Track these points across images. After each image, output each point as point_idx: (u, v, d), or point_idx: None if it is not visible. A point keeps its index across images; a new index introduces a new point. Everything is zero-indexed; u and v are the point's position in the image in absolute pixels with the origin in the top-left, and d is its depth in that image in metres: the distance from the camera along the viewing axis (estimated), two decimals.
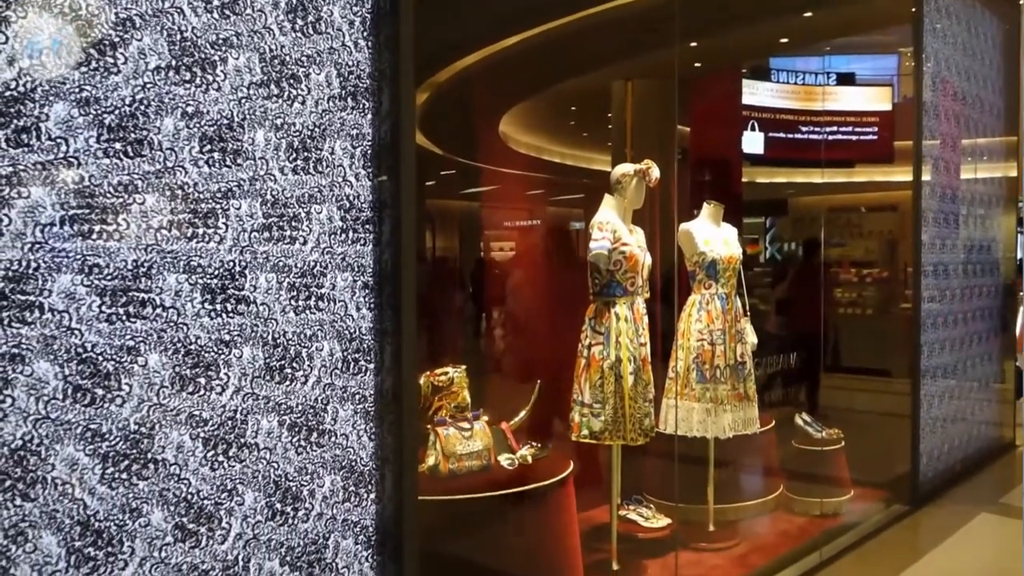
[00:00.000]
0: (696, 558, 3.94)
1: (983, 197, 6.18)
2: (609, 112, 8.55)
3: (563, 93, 8.30)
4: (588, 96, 8.82)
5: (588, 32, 6.99)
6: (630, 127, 8.21)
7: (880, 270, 10.64)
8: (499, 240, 7.59)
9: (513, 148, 8.73)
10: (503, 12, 6.23)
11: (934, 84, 5.34)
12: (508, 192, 7.73)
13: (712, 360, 3.90)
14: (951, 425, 5.45)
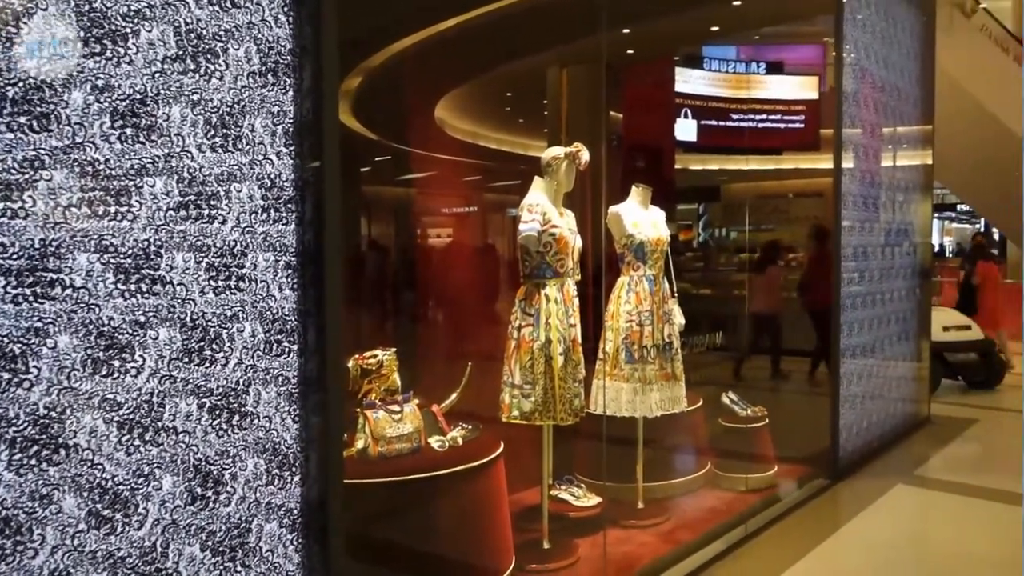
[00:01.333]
0: (626, 535, 4.01)
1: (902, 183, 6.41)
2: (544, 98, 8.57)
3: (499, 79, 8.29)
4: (524, 82, 8.83)
5: (522, 18, 6.99)
6: (565, 113, 8.25)
7: (804, 255, 10.94)
8: (435, 226, 7.56)
9: (449, 134, 8.69)
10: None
11: (856, 73, 5.50)
12: (444, 178, 7.69)
13: (641, 341, 3.97)
14: (869, 402, 5.67)
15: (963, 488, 5.19)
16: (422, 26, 6.48)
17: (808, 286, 8.07)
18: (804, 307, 8.46)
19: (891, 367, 6.10)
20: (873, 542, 4.34)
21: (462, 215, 8.24)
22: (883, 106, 5.95)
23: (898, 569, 4.02)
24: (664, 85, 12.70)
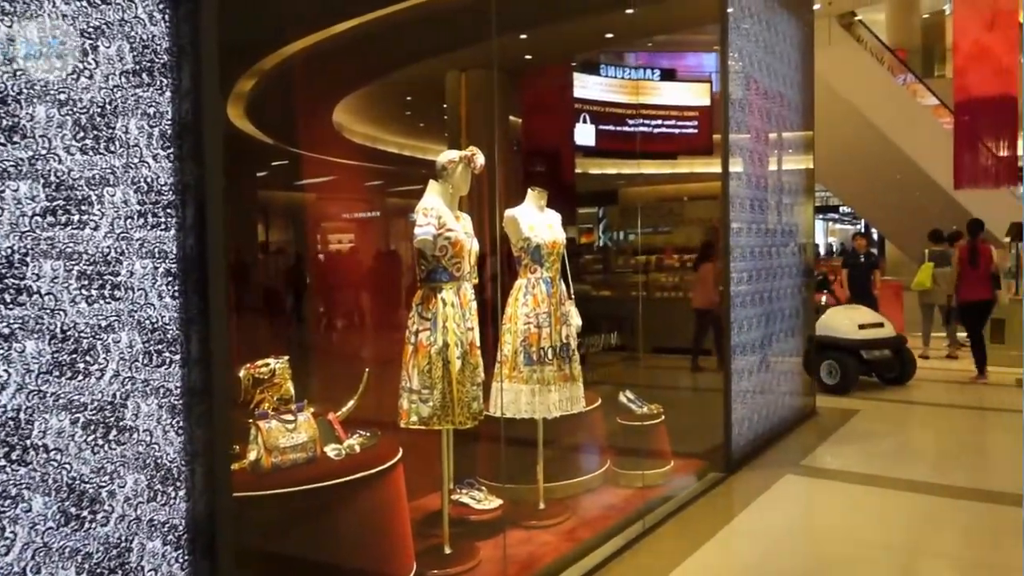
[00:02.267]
0: (527, 536, 4.04)
1: (787, 186, 6.69)
2: (444, 102, 8.55)
3: (398, 83, 8.22)
4: (423, 86, 8.79)
5: (418, 22, 6.95)
6: (464, 117, 8.25)
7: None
8: (335, 231, 7.44)
9: (348, 138, 8.56)
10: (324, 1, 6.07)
11: (742, 81, 5.72)
12: (344, 183, 7.57)
13: (539, 342, 4.00)
14: (759, 396, 5.89)
15: (847, 476, 5.45)
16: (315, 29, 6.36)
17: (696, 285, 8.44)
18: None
19: (779, 362, 6.36)
20: (764, 531, 4.51)
21: (364, 220, 8.13)
22: (768, 113, 6.21)
23: (788, 555, 4.20)
24: (562, 90, 12.88)
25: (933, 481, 5.29)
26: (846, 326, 8.11)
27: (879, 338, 8.11)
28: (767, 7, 6.09)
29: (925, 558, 4.20)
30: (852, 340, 7.97)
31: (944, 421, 6.98)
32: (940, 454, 6.12)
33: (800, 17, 6.81)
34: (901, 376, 8.32)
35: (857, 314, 8.36)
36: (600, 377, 5.32)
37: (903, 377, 8.33)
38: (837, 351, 7.99)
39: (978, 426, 6.79)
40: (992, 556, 4.13)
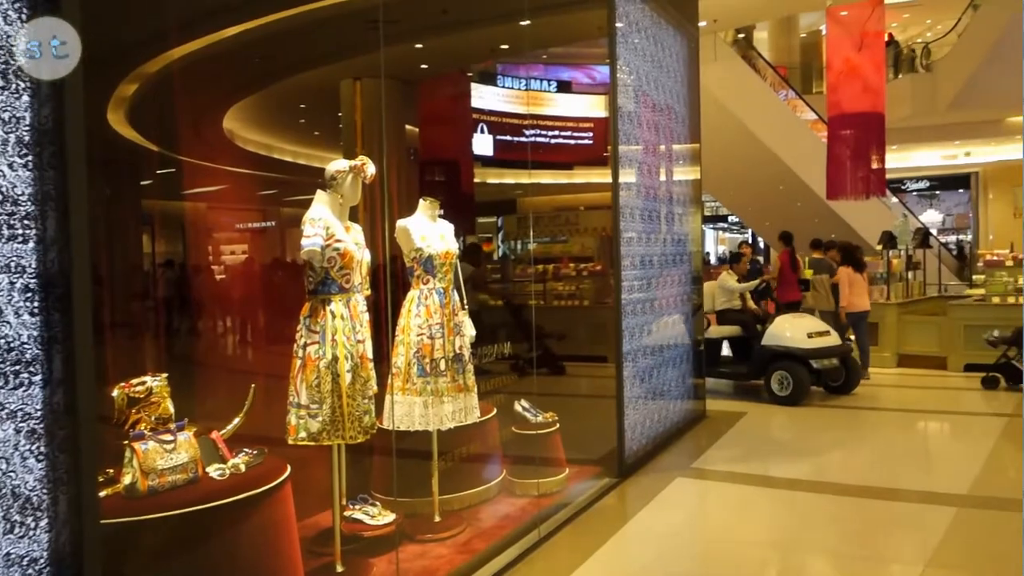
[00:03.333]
0: (421, 550, 3.99)
1: (678, 197, 6.89)
2: (339, 111, 8.40)
3: (291, 90, 8.02)
4: (317, 94, 8.61)
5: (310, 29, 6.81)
6: (359, 126, 8.13)
7: (595, 264, 11.51)
8: (226, 242, 7.19)
9: (241, 146, 8.29)
10: (211, 2, 5.88)
11: (633, 94, 5.86)
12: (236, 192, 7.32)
13: (432, 354, 3.97)
14: (651, 402, 6.03)
15: (735, 476, 5.64)
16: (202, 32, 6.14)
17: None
18: None
19: (670, 368, 6.53)
20: (655, 534, 4.61)
21: (257, 230, 7.89)
22: (658, 125, 6.38)
23: (678, 556, 4.30)
24: (460, 100, 12.88)
25: (815, 479, 5.54)
26: (796, 335, 7.90)
27: (828, 347, 7.91)
28: (655, 23, 6.26)
29: (807, 554, 4.39)
30: (803, 349, 7.77)
31: (825, 420, 7.32)
32: (821, 453, 6.41)
33: (686, 33, 7.04)
34: (847, 385, 8.18)
35: (805, 322, 8.19)
36: (497, 386, 5.32)
37: (848, 386, 8.19)
38: (788, 361, 7.80)
39: (855, 424, 7.15)
40: (868, 549, 4.34)
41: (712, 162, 14.25)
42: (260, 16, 6.32)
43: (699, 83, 7.38)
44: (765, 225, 18.94)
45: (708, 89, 11.70)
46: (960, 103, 16.34)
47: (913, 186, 24.40)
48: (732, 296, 8.78)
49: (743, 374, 8.38)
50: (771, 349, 7.88)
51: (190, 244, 6.97)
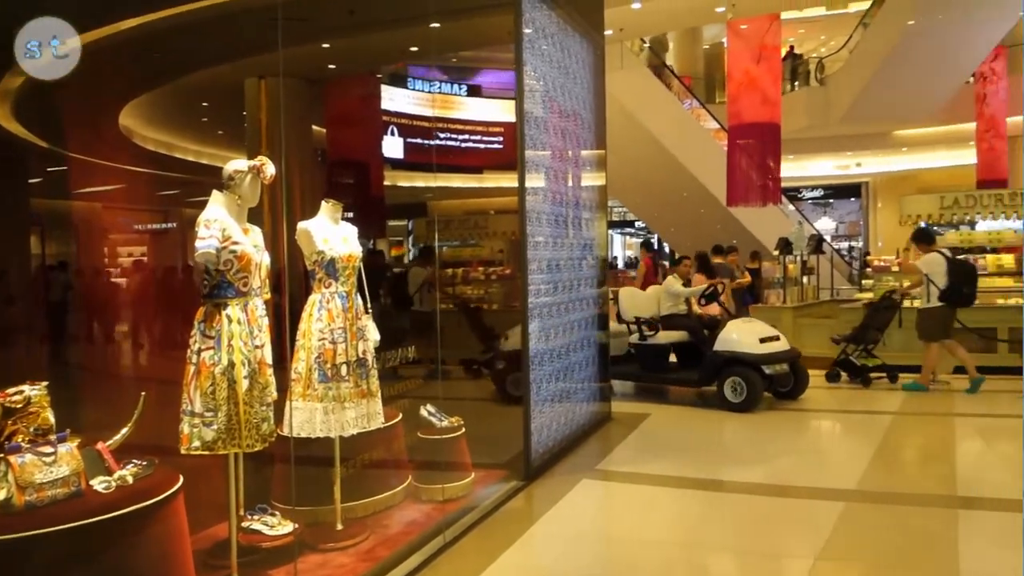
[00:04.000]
0: (323, 559, 3.91)
1: (584, 202, 6.98)
2: (244, 110, 8.17)
3: (193, 87, 7.76)
4: (221, 92, 8.35)
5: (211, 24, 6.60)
6: (264, 125, 7.93)
7: (504, 267, 11.58)
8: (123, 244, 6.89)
9: (139, 144, 7.96)
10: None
11: (541, 100, 5.91)
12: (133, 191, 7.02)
13: (334, 359, 3.90)
14: (557, 404, 6.08)
15: (639, 477, 5.75)
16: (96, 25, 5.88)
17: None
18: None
19: (577, 371, 6.60)
20: (560, 536, 4.65)
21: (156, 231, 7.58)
22: (565, 131, 6.45)
23: (583, 557, 4.35)
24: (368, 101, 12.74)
25: (715, 478, 5.69)
26: (748, 341, 7.73)
27: (779, 352, 7.80)
28: (561, 30, 6.33)
29: (707, 551, 4.51)
30: (755, 355, 7.61)
31: (725, 421, 7.53)
32: (720, 453, 6.60)
33: (593, 41, 7.15)
34: (795, 390, 8.05)
35: (756, 328, 8.05)
36: (403, 390, 5.27)
37: (796, 391, 8.06)
38: (741, 367, 7.63)
39: (753, 424, 7.38)
40: (764, 545, 4.50)
41: (619, 168, 14.52)
42: (159, 9, 6.09)
43: (605, 90, 7.50)
44: (671, 231, 19.45)
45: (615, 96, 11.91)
46: (852, 116, 17.18)
47: (809, 194, 25.49)
48: (678, 301, 8.64)
49: (694, 381, 8.15)
50: (723, 355, 7.69)
51: (83, 246, 6.65)
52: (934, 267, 8.24)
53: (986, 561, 4.11)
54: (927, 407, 7.99)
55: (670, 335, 8.42)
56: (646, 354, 8.56)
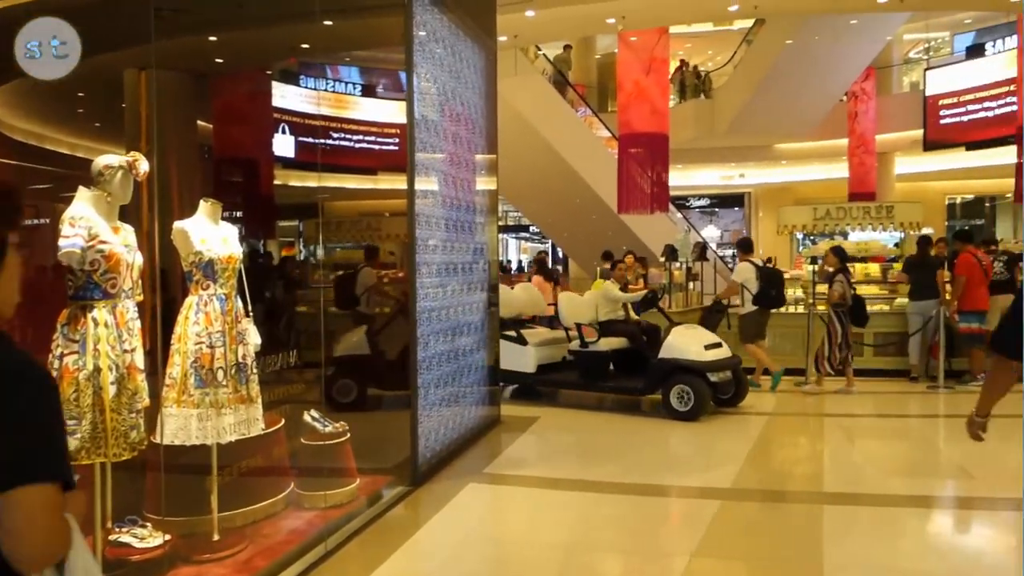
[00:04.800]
0: (197, 571, 3.77)
1: (474, 206, 7.00)
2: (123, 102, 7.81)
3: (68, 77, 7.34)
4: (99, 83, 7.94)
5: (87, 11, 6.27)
6: (144, 119, 7.60)
7: (397, 271, 11.46)
8: None
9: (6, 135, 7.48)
10: None
11: (433, 103, 5.90)
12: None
13: (212, 363, 3.77)
14: (445, 408, 6.08)
15: (526, 480, 5.81)
16: None
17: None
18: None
19: (466, 374, 6.62)
20: (446, 541, 4.65)
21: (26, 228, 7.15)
22: (456, 135, 6.46)
23: (469, 562, 4.35)
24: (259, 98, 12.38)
25: (600, 480, 5.80)
26: (694, 348, 7.58)
27: (724, 359, 7.72)
28: (453, 34, 6.34)
29: (591, 552, 4.59)
30: (701, 362, 7.47)
31: (611, 424, 7.71)
32: (606, 455, 6.73)
33: (485, 46, 7.19)
34: (735, 396, 7.92)
35: (700, 334, 7.92)
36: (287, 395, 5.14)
37: (737, 397, 7.94)
38: (687, 374, 7.44)
39: (637, 427, 7.58)
40: (645, 544, 4.62)
41: (514, 174, 14.65)
42: None
43: (497, 95, 7.55)
44: (564, 236, 19.74)
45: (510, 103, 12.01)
46: (735, 129, 17.91)
47: (696, 203, 26.39)
48: (616, 306, 8.57)
49: (638, 389, 7.94)
50: (669, 362, 7.48)
51: None
52: (746, 275, 8.96)
53: (849, 553, 4.36)
54: (797, 408, 8.42)
55: (611, 342, 8.20)
56: (586, 362, 8.28)
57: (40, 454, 1.40)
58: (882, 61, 20.13)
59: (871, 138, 19.44)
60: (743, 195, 25.76)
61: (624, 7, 10.64)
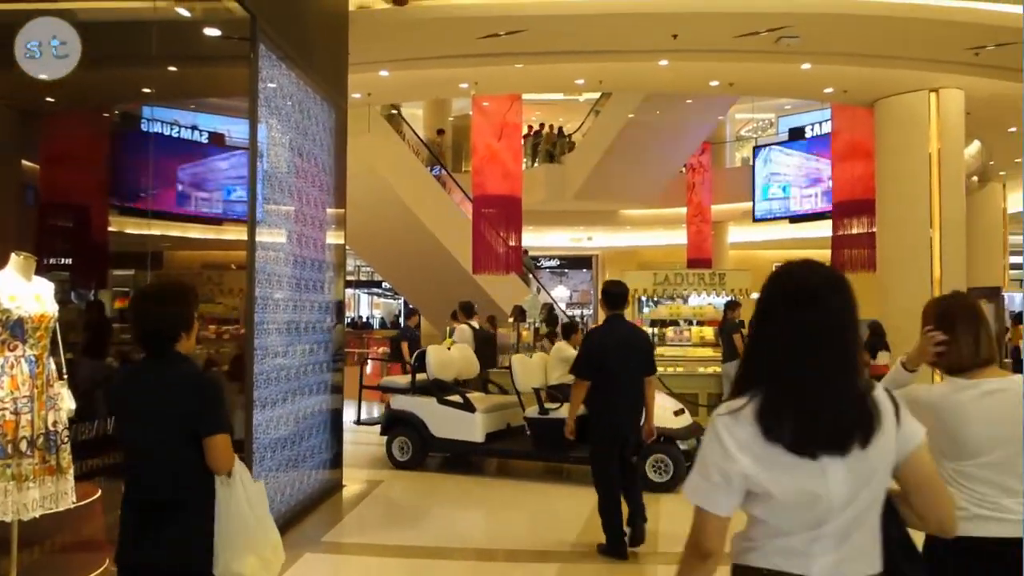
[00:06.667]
0: None
1: (321, 263, 6.86)
2: None
3: None
4: None
5: None
6: None
7: (239, 327, 11.01)
8: None
9: None
10: None
11: (277, 158, 5.78)
12: None
13: (16, 432, 3.46)
14: (283, 474, 5.82)
15: (366, 548, 5.63)
16: None
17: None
18: None
19: (307, 438, 6.39)
20: None
21: None
22: (300, 191, 6.35)
23: None
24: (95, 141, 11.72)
25: (443, 545, 5.71)
26: (664, 415, 7.00)
27: (690, 426, 7.39)
28: (301, 90, 6.28)
29: None
30: (673, 429, 7.12)
31: (455, 487, 7.64)
32: (449, 519, 6.66)
33: (335, 104, 7.16)
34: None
35: (666, 401, 7.53)
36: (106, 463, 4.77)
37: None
38: (662, 444, 6.93)
39: (479, 489, 7.54)
40: None
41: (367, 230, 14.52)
42: None
43: (346, 152, 7.51)
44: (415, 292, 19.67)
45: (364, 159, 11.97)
46: (583, 194, 18.64)
47: (547, 264, 27.13)
48: (566, 369, 7.61)
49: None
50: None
51: None
52: (464, 336, 9.89)
53: None
54: None
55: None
56: (544, 429, 7.48)
57: (223, 419, 2.70)
58: (717, 137, 21.68)
59: (707, 208, 20.75)
60: (591, 257, 26.75)
61: (477, 73, 10.92)
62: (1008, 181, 17.91)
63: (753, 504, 1.72)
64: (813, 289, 1.74)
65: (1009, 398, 2.36)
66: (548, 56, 9.92)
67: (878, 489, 1.72)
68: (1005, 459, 2.33)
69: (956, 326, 2.46)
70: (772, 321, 1.78)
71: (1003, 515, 2.32)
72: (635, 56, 10.02)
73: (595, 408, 5.52)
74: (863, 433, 1.68)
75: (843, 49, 9.73)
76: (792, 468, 1.66)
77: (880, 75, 10.74)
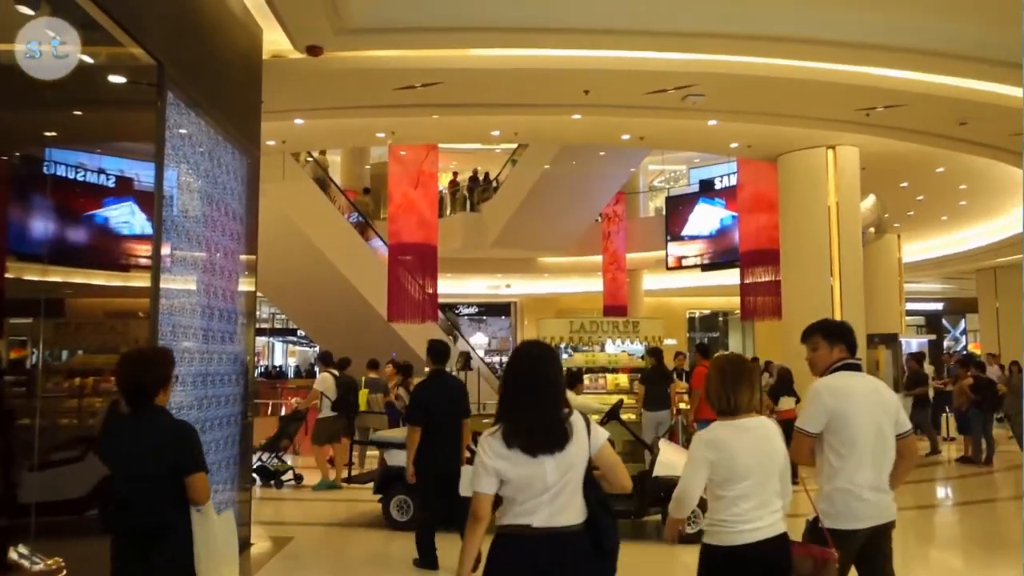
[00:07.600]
0: None
1: (228, 313, 6.68)
2: None
3: None
4: None
5: None
6: None
7: None
8: None
9: None
10: None
11: (186, 205, 5.66)
12: None
13: None
14: None
15: None
16: None
17: None
18: None
19: (214, 494, 6.14)
20: None
21: None
22: (209, 240, 6.21)
23: None
24: None
25: None
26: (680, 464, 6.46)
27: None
28: (211, 138, 6.19)
29: None
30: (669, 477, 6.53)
31: (372, 541, 7.45)
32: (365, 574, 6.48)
33: (247, 152, 7.07)
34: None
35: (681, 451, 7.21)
36: None
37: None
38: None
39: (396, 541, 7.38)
40: None
41: (283, 279, 14.27)
42: None
43: (258, 201, 7.40)
44: (331, 340, 19.36)
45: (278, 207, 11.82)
46: (501, 242, 18.83)
47: (465, 311, 27.13)
48: None
49: (628, 513, 6.94)
50: (668, 480, 6.30)
51: None
52: (326, 384, 10.11)
53: None
54: None
55: None
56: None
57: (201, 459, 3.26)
58: (630, 187, 22.28)
59: (622, 256, 21.22)
60: (509, 304, 26.89)
61: (393, 123, 10.98)
62: (903, 232, 18.95)
63: (503, 487, 2.76)
64: (532, 359, 2.90)
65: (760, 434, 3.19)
66: (464, 108, 10.07)
67: (578, 472, 2.78)
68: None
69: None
70: (511, 377, 2.90)
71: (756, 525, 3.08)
72: (549, 110, 10.27)
73: (421, 447, 6.24)
74: (561, 441, 2.76)
75: (746, 107, 10.20)
76: (523, 463, 2.74)
77: (781, 132, 11.29)
